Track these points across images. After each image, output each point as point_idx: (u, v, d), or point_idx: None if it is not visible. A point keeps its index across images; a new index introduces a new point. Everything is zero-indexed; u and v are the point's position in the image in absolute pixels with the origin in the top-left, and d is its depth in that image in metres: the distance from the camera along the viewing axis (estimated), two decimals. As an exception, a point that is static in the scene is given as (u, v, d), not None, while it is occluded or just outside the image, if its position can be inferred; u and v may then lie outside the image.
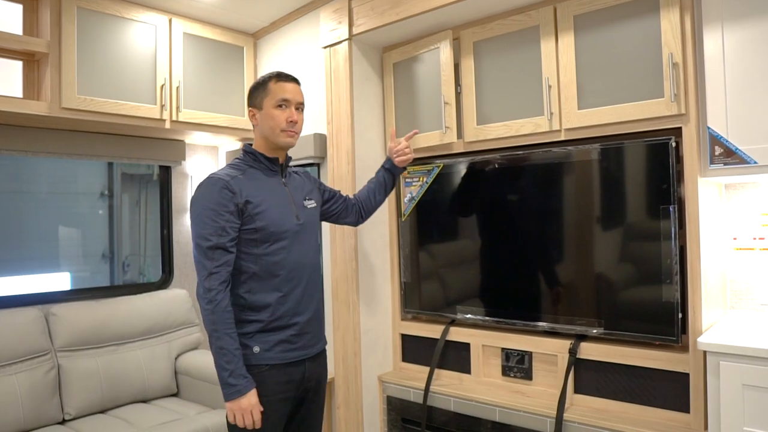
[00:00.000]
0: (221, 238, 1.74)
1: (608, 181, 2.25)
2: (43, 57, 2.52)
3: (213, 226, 1.73)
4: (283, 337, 1.81)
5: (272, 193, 1.87)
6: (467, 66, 2.57)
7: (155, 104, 2.83)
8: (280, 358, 1.80)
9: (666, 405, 2.12)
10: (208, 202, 1.76)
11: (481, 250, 2.61)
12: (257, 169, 1.89)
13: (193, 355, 3.05)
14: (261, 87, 1.89)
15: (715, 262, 2.14)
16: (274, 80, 1.89)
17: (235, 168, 1.86)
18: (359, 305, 2.75)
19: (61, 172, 4.62)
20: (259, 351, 1.78)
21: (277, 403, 1.80)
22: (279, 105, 1.86)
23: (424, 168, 2.76)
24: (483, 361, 2.62)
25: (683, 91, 2.01)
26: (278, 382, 1.80)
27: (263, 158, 1.90)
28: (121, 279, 4.81)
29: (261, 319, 1.80)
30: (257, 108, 1.89)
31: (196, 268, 1.77)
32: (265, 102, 1.87)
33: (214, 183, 1.79)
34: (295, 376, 1.84)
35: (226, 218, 1.75)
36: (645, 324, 2.14)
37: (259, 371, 1.78)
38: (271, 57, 3.27)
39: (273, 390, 1.79)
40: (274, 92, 1.87)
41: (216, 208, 1.74)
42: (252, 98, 1.91)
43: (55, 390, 2.59)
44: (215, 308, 1.71)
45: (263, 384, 1.77)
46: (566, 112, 2.28)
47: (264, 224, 1.80)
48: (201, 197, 1.79)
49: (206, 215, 1.75)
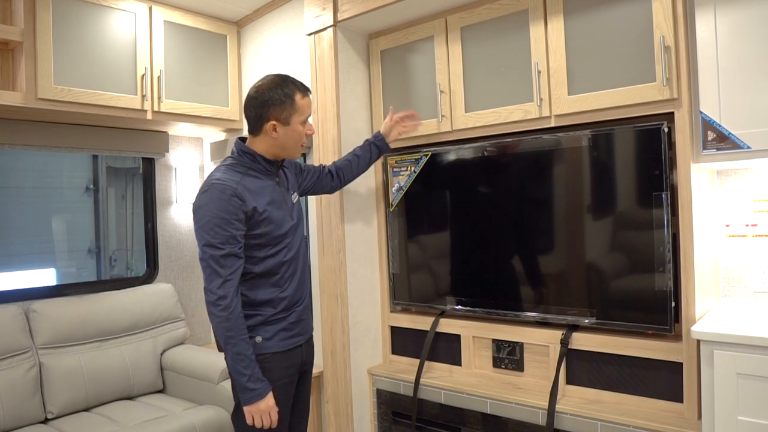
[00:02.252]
0: (233, 246, 1.77)
1: (599, 168, 2.20)
2: (18, 46, 2.45)
3: (224, 235, 1.76)
4: (283, 325, 1.90)
5: (271, 196, 1.89)
6: (455, 52, 2.52)
7: (136, 94, 2.76)
8: (281, 346, 1.88)
9: (659, 395, 2.09)
10: (219, 210, 1.76)
11: (471, 240, 2.57)
12: (255, 170, 1.89)
13: (180, 351, 3.00)
14: (288, 102, 1.85)
15: (707, 250, 2.11)
16: (300, 95, 1.87)
17: (234, 170, 1.86)
18: (347, 297, 2.70)
19: (45, 167, 4.55)
20: (261, 341, 1.85)
21: (284, 387, 1.89)
22: (304, 122, 1.90)
23: (411, 157, 2.71)
24: (473, 353, 2.58)
25: (675, 75, 1.97)
26: (282, 367, 1.88)
27: (263, 161, 1.90)
28: (108, 274, 4.75)
29: (262, 313, 1.87)
30: (283, 123, 1.86)
31: (204, 275, 1.78)
32: (293, 118, 1.86)
33: (224, 190, 1.78)
34: (296, 360, 1.94)
35: (236, 227, 1.78)
36: (638, 313, 2.11)
37: (264, 359, 1.84)
38: (255, 45, 3.20)
39: (279, 375, 1.87)
40: (302, 109, 1.88)
41: (227, 217, 1.76)
42: (274, 111, 1.84)
43: (37, 388, 2.54)
44: (230, 315, 1.75)
45: (269, 371, 1.84)
46: (556, 98, 2.23)
47: (268, 229, 1.85)
48: (210, 204, 1.78)
49: (217, 223, 1.76)
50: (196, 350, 2.98)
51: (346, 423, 2.72)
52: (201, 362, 2.80)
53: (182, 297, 3.36)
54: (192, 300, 3.44)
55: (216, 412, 2.59)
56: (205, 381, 2.75)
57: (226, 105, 3.15)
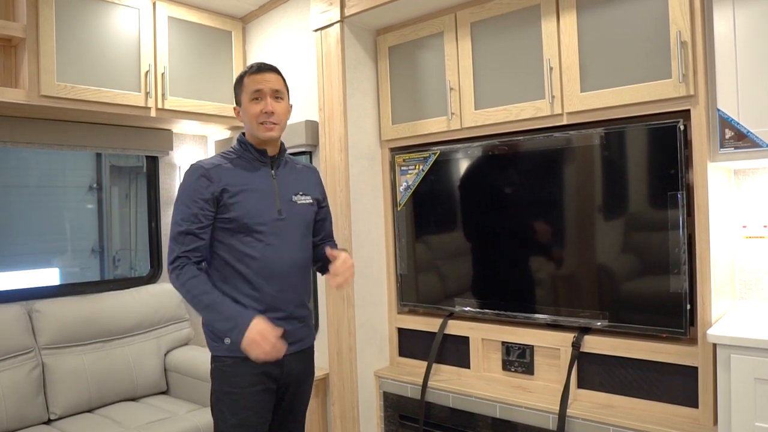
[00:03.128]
0: (192, 224, 1.75)
1: (613, 167, 2.16)
2: (20, 42, 2.41)
3: (186, 212, 1.76)
4: None
5: (256, 184, 1.83)
6: (465, 48, 2.47)
7: (140, 92, 2.73)
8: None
9: (673, 400, 2.04)
10: (186, 188, 1.80)
11: (480, 240, 2.53)
12: (246, 159, 1.87)
13: (183, 352, 2.96)
14: (238, 83, 1.89)
15: (724, 252, 2.06)
16: (248, 74, 1.85)
17: (224, 157, 1.86)
18: (354, 298, 2.66)
19: (48, 166, 4.52)
20: (230, 342, 1.73)
21: (257, 393, 1.78)
22: (253, 98, 1.83)
23: (419, 155, 2.67)
24: (482, 356, 2.54)
25: (692, 71, 1.92)
26: (253, 374, 1.77)
27: (252, 149, 1.88)
28: (112, 274, 4.72)
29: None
30: (239, 104, 1.89)
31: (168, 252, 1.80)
32: (242, 97, 1.85)
33: (194, 171, 1.81)
34: (272, 371, 1.80)
35: (200, 205, 1.76)
36: (651, 316, 2.06)
37: (233, 362, 1.76)
38: (261, 42, 3.16)
39: (249, 381, 1.77)
40: (247, 86, 1.84)
41: (192, 195, 1.77)
42: (235, 95, 1.91)
43: (40, 389, 2.50)
44: (185, 280, 1.72)
45: (237, 375, 1.76)
46: (568, 95, 2.19)
47: (238, 214, 1.78)
48: (182, 184, 1.82)
49: (182, 201, 1.79)
50: (200, 351, 2.95)
51: (353, 426, 2.68)
52: (205, 363, 2.72)
53: (186, 297, 3.31)
54: (196, 300, 3.40)
55: (220, 414, 2.55)
56: (209, 382, 2.68)
57: (230, 102, 3.11)
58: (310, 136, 2.81)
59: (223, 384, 1.78)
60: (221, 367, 1.79)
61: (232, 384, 1.76)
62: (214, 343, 1.81)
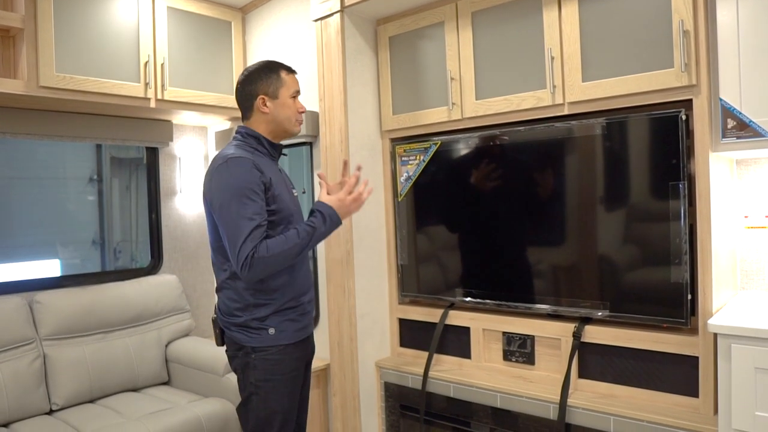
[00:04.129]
0: (261, 217, 1.75)
1: (614, 157, 2.15)
2: (18, 32, 2.39)
3: (254, 206, 1.74)
4: (293, 316, 1.88)
5: (278, 177, 1.90)
6: (465, 38, 2.46)
7: (139, 82, 2.71)
8: (292, 337, 1.87)
9: (674, 389, 2.05)
10: (243, 181, 1.75)
11: (482, 231, 2.52)
12: (261, 153, 1.90)
13: (184, 343, 2.97)
14: (274, 76, 1.90)
15: (725, 242, 2.06)
16: (285, 71, 1.92)
17: (243, 149, 1.85)
18: (355, 289, 2.66)
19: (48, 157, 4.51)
20: (274, 332, 1.83)
21: (294, 379, 1.89)
22: (293, 96, 1.92)
23: (420, 146, 2.66)
24: (483, 346, 2.54)
25: (694, 60, 1.91)
26: (293, 359, 1.87)
27: (267, 143, 1.92)
28: (113, 265, 4.72)
29: (274, 301, 1.84)
30: (271, 97, 1.89)
31: (234, 251, 1.72)
32: (281, 92, 1.89)
33: (244, 162, 1.77)
34: (304, 352, 1.94)
35: (261, 197, 1.77)
36: (652, 306, 2.06)
37: (277, 351, 1.84)
38: (261, 32, 3.14)
39: (291, 367, 1.87)
40: (289, 84, 1.91)
41: (254, 188, 1.76)
42: (262, 86, 1.89)
43: (41, 380, 2.51)
44: (267, 255, 1.71)
45: (282, 362, 1.84)
46: (570, 85, 2.18)
47: (280, 207, 1.83)
48: (233, 177, 1.75)
49: (245, 194, 1.74)
50: (202, 342, 2.95)
51: (353, 416, 2.68)
52: (206, 354, 2.77)
53: (187, 288, 3.32)
54: (197, 291, 3.41)
55: (221, 404, 2.56)
56: (210, 373, 2.72)
57: (230, 93, 3.09)
58: (311, 127, 2.80)
59: (266, 373, 1.83)
60: (265, 357, 1.83)
61: (276, 372, 1.83)
62: (254, 335, 1.83)
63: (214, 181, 1.79)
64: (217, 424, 2.47)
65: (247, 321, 1.83)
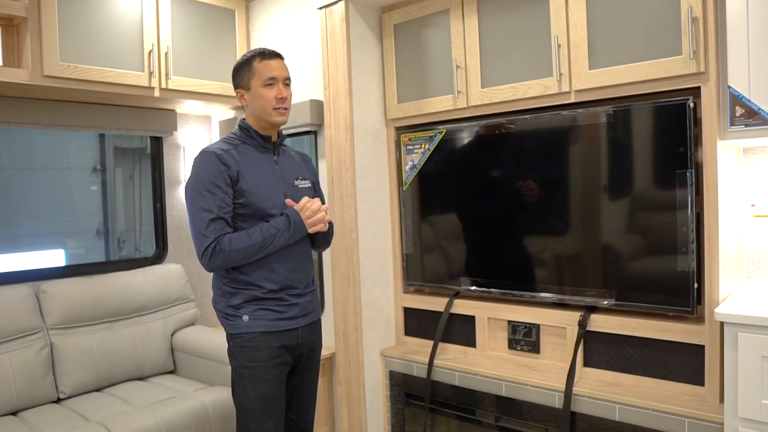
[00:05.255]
0: (221, 210, 1.78)
1: (621, 146, 2.14)
2: (22, 21, 2.38)
3: (213, 199, 1.78)
4: (272, 306, 1.86)
5: (262, 169, 1.90)
6: (471, 25, 2.44)
7: (143, 71, 2.70)
8: (268, 326, 1.85)
9: (680, 378, 2.05)
10: (206, 174, 1.80)
11: (487, 220, 2.52)
12: (250, 145, 1.91)
13: (190, 332, 2.98)
14: (246, 67, 1.89)
15: (732, 230, 2.05)
16: (258, 59, 1.88)
17: (228, 142, 1.89)
18: (360, 278, 2.66)
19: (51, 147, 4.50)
20: (248, 320, 1.84)
21: (276, 366, 1.86)
22: (267, 84, 1.86)
23: (425, 134, 2.65)
24: (488, 335, 2.55)
25: (703, 48, 1.89)
26: (271, 347, 1.85)
27: (256, 135, 1.92)
28: (117, 255, 4.72)
29: (247, 291, 1.85)
30: (244, 88, 1.90)
31: (195, 242, 1.80)
32: (252, 82, 1.87)
33: (208, 156, 1.82)
34: (289, 342, 1.89)
35: (224, 190, 1.78)
36: (659, 295, 2.06)
37: (251, 338, 1.84)
38: (264, 20, 3.12)
39: (268, 355, 1.84)
40: (260, 72, 1.86)
41: (214, 181, 1.79)
42: (238, 78, 1.92)
43: (49, 368, 2.53)
44: (229, 249, 1.76)
45: (257, 349, 1.83)
46: (576, 73, 2.16)
47: (252, 200, 1.83)
48: (197, 171, 1.82)
49: (204, 188, 1.78)
50: (207, 331, 2.96)
51: (358, 405, 2.70)
52: (212, 343, 2.77)
53: (192, 278, 3.32)
54: (202, 281, 3.42)
55: (227, 392, 2.56)
56: (215, 362, 2.72)
57: (234, 82, 3.08)
58: (315, 116, 2.79)
59: (242, 360, 1.84)
60: (240, 344, 1.85)
61: (251, 359, 1.83)
62: (231, 322, 1.86)
63: (190, 173, 1.86)
64: (223, 412, 2.48)
65: (224, 308, 1.88)
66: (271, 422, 1.86)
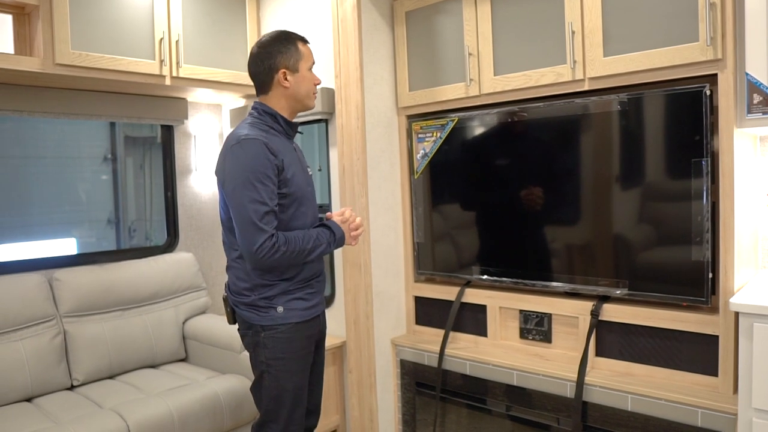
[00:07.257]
0: (273, 201, 1.73)
1: (636, 134, 2.11)
2: (34, 10, 2.38)
3: (266, 191, 1.72)
4: (302, 295, 1.87)
5: (293, 157, 1.86)
6: (484, 12, 2.42)
7: (154, 59, 2.70)
8: (301, 316, 1.85)
9: (693, 368, 2.04)
10: (257, 164, 1.71)
11: (499, 208, 2.50)
12: (276, 132, 1.85)
13: (201, 320, 2.99)
14: (293, 48, 1.84)
15: (747, 220, 2.03)
16: (302, 42, 1.87)
17: (257, 128, 1.80)
18: (371, 266, 2.66)
19: (62, 136, 4.52)
20: (283, 311, 1.83)
21: (304, 357, 1.89)
22: (310, 68, 1.88)
23: (437, 122, 2.63)
24: (500, 324, 2.54)
25: (720, 34, 1.86)
26: (302, 337, 1.86)
27: (283, 121, 1.87)
28: (128, 244, 4.75)
29: (281, 282, 1.83)
30: (291, 70, 1.84)
31: (246, 235, 1.71)
32: (300, 64, 1.84)
33: (258, 146, 1.73)
34: (314, 331, 1.93)
35: (273, 181, 1.73)
36: (672, 285, 2.04)
37: (287, 329, 1.83)
38: (275, 8, 3.11)
39: (300, 345, 1.86)
40: (307, 56, 1.87)
41: (266, 172, 1.72)
42: (282, 59, 1.83)
43: (62, 356, 2.55)
44: (287, 247, 1.74)
45: (292, 341, 1.84)
46: (591, 60, 2.13)
47: (293, 189, 1.81)
48: (246, 160, 1.71)
49: (257, 178, 1.70)
50: (218, 319, 2.97)
51: (369, 393, 2.70)
52: (223, 331, 2.79)
53: (203, 266, 3.34)
54: (213, 269, 3.43)
55: (239, 380, 2.59)
56: (227, 350, 2.74)
57: (244, 69, 3.06)
58: (326, 104, 2.78)
59: (277, 351, 1.83)
60: (274, 335, 1.83)
61: (287, 350, 1.83)
62: (263, 313, 1.83)
63: (227, 161, 1.76)
64: (235, 400, 2.50)
65: (255, 300, 1.82)
66: (300, 411, 1.88)
